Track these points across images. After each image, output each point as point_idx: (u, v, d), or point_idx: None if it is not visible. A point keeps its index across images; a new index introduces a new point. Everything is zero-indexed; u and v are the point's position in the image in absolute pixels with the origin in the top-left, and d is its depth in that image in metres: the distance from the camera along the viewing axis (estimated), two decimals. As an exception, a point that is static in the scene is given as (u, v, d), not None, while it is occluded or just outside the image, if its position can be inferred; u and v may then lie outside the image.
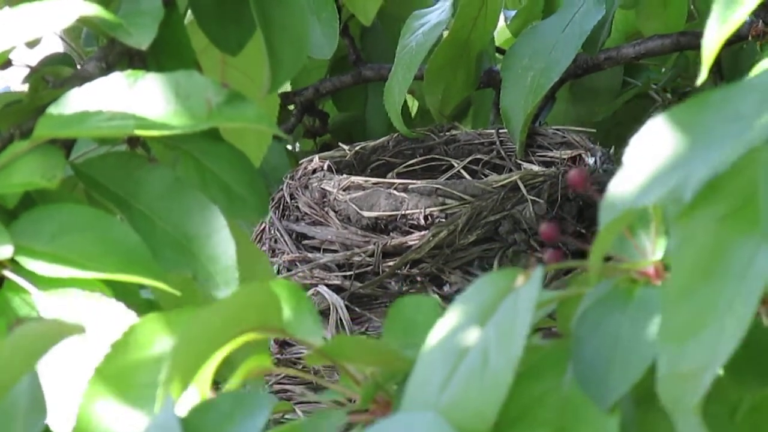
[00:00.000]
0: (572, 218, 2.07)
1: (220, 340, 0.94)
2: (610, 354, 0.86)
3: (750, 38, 2.13)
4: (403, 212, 2.06)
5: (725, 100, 0.84)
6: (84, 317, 1.11)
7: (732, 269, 0.79)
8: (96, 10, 1.21)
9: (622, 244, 0.94)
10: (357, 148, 2.28)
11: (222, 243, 1.22)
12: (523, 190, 2.05)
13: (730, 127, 0.82)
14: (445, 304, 0.95)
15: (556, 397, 0.86)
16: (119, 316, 1.10)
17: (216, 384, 0.96)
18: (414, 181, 2.08)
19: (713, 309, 0.79)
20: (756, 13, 2.09)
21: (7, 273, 1.16)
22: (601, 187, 0.87)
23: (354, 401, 0.98)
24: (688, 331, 0.79)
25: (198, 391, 0.95)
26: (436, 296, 2.02)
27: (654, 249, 0.92)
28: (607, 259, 0.92)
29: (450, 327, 0.87)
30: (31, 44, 1.53)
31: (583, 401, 0.85)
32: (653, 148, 0.84)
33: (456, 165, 2.31)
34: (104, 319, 1.10)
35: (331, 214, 2.10)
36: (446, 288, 2.04)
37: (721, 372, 0.87)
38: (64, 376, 1.06)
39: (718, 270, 0.80)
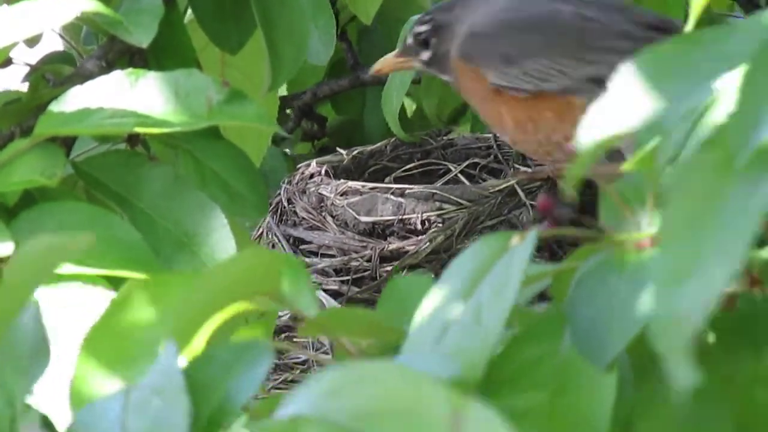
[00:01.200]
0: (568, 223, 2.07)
1: (220, 302, 0.94)
2: (606, 315, 0.87)
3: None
4: (400, 217, 2.06)
5: (713, 40, 0.85)
6: (87, 305, 1.11)
7: (724, 212, 0.80)
8: (96, 6, 1.21)
9: (619, 220, 0.95)
10: (354, 152, 2.28)
11: (222, 241, 1.23)
12: (521, 195, 2.05)
13: (716, 66, 0.83)
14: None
15: (553, 361, 0.87)
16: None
17: None
18: (411, 186, 2.08)
19: (705, 252, 0.80)
20: (747, 11, 2.10)
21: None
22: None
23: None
24: (680, 275, 0.80)
25: (192, 354, 0.95)
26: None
27: (650, 222, 0.93)
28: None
29: (445, 289, 0.88)
30: (31, 42, 1.53)
31: (580, 364, 0.86)
32: (639, 78, 0.85)
33: (453, 169, 2.31)
34: (104, 299, 1.11)
35: (329, 218, 2.10)
36: (444, 293, 2.04)
37: (713, 342, 0.88)
38: (64, 343, 1.07)
39: (710, 214, 0.81)
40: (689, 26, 0.91)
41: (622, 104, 0.84)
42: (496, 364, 0.86)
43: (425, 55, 1.91)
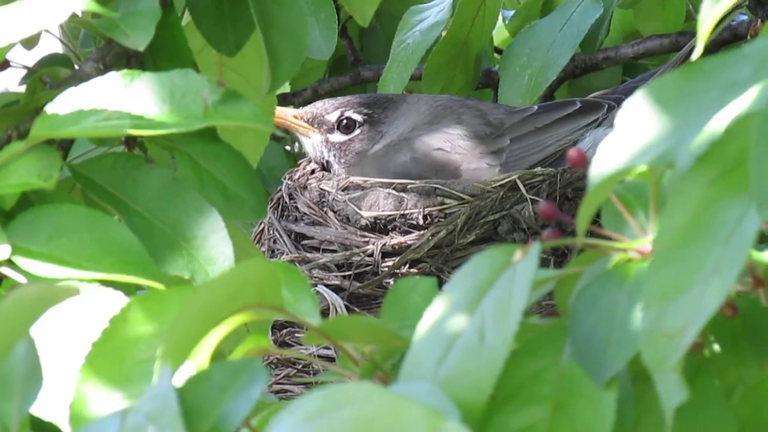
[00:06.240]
0: (571, 217, 2.06)
1: (218, 315, 0.94)
2: (607, 329, 0.87)
3: (749, 37, 2.13)
4: (402, 212, 2.06)
5: (718, 68, 0.85)
6: (84, 304, 1.11)
7: (718, 231, 0.81)
8: (90, 5, 1.21)
9: (621, 225, 0.95)
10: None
11: (220, 244, 1.22)
12: (522, 190, 2.05)
13: (723, 95, 0.83)
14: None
15: (553, 374, 0.88)
16: (118, 301, 1.11)
17: None
18: (413, 181, 2.08)
19: (698, 270, 0.81)
20: (755, 13, 2.09)
21: (4, 270, 1.17)
22: None
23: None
24: (672, 291, 0.81)
25: (196, 367, 0.95)
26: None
27: (652, 228, 0.93)
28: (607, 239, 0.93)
29: (447, 303, 0.88)
30: (29, 45, 1.53)
31: (580, 377, 0.87)
32: (645, 112, 0.85)
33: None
34: (103, 304, 1.11)
35: (330, 214, 2.10)
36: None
37: (718, 350, 0.88)
38: (62, 351, 1.07)
39: (705, 232, 0.81)
40: (698, 50, 0.91)
41: (630, 140, 0.84)
42: (497, 379, 0.86)
43: (337, 137, 2.04)
